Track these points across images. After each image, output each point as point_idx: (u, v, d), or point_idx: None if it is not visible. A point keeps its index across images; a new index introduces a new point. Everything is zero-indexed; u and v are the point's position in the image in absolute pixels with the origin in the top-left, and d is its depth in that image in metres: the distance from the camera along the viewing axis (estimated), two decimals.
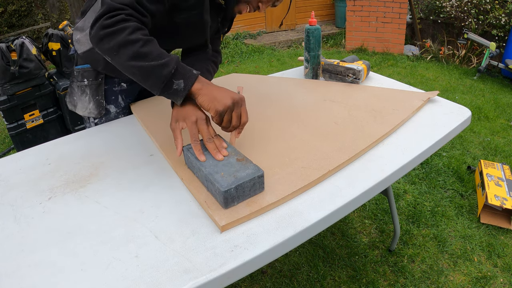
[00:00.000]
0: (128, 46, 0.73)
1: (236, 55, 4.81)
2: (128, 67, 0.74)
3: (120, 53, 0.73)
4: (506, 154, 2.34)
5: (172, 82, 0.74)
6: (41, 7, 5.33)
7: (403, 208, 1.89)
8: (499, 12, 3.95)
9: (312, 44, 1.30)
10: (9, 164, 0.92)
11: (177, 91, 0.75)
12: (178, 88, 0.75)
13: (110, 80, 1.10)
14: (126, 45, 0.73)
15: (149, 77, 0.74)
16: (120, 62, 0.74)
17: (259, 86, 1.31)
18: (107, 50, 0.74)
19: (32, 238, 0.67)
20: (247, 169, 0.72)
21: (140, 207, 0.73)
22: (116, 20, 0.74)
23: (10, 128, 2.33)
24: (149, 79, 0.74)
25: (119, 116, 1.15)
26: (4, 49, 2.16)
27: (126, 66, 0.74)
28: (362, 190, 0.77)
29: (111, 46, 0.73)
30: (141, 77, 0.75)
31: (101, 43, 0.75)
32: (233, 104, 0.77)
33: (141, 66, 0.73)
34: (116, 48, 0.73)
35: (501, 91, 3.48)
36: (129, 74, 0.76)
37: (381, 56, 4.49)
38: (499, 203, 1.72)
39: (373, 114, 1.05)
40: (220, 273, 0.58)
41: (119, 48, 0.73)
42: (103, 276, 0.58)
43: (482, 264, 1.55)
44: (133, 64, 0.73)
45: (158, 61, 0.73)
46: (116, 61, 0.75)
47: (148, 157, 0.91)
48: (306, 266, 1.56)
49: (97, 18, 0.75)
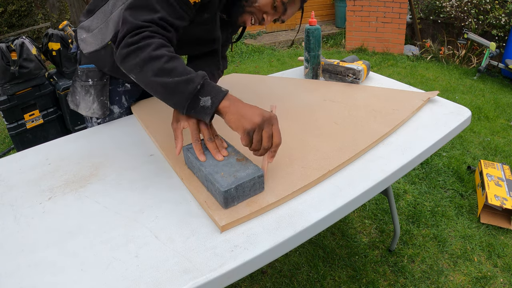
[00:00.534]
0: (152, 62, 0.71)
1: (236, 55, 4.81)
2: (153, 83, 0.72)
3: (144, 69, 0.71)
4: (506, 154, 2.34)
5: (198, 98, 0.71)
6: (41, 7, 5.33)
7: (403, 208, 1.89)
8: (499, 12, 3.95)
9: (312, 44, 1.30)
10: (9, 164, 0.92)
11: (204, 109, 0.71)
12: (205, 105, 0.71)
13: (114, 80, 1.10)
14: (151, 61, 0.71)
15: (174, 94, 0.71)
16: (145, 78, 0.72)
17: (259, 86, 1.31)
18: (131, 67, 0.73)
19: (32, 238, 0.67)
20: (247, 169, 0.72)
21: (140, 207, 0.73)
22: (141, 37, 0.73)
23: (10, 128, 2.33)
24: (174, 96, 0.71)
25: (122, 116, 1.15)
26: (4, 49, 2.16)
27: (151, 83, 0.72)
28: (362, 190, 0.77)
29: (135, 62, 0.72)
30: (166, 94, 0.72)
31: (125, 61, 0.73)
32: (263, 122, 0.71)
33: (165, 82, 0.70)
34: (141, 64, 0.71)
35: (501, 91, 3.48)
36: (153, 92, 0.74)
37: (381, 56, 4.49)
38: (499, 203, 1.72)
39: (373, 114, 1.05)
40: (220, 273, 0.58)
41: (144, 64, 0.71)
42: (103, 276, 0.58)
43: (482, 264, 1.55)
44: (157, 80, 0.71)
45: (182, 76, 0.70)
46: (141, 77, 0.73)
47: (148, 157, 0.91)
48: (306, 266, 1.56)
49: (122, 37, 0.74)
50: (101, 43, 0.99)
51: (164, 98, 0.74)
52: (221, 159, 0.76)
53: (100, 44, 0.99)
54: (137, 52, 0.72)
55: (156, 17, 0.76)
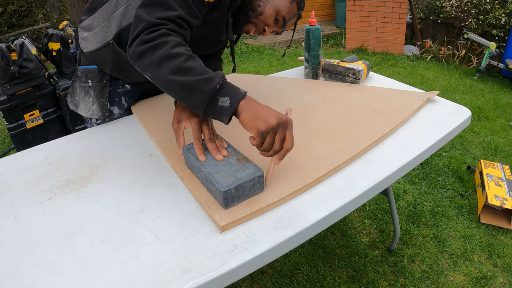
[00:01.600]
0: (171, 60, 0.69)
1: (236, 55, 4.81)
2: (170, 82, 0.70)
3: (162, 67, 0.69)
4: (506, 154, 2.34)
5: (217, 98, 0.69)
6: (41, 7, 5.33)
7: (403, 208, 1.89)
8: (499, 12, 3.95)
9: (312, 44, 1.30)
10: (9, 164, 0.92)
11: (222, 109, 0.69)
12: (223, 105, 0.69)
13: (114, 81, 1.09)
14: (169, 59, 0.69)
15: (192, 93, 0.69)
16: (162, 77, 0.70)
17: (259, 86, 1.31)
18: (147, 64, 0.71)
19: (32, 238, 0.67)
20: (247, 169, 0.72)
21: (140, 207, 0.73)
22: (158, 34, 0.71)
23: (10, 128, 2.33)
24: (192, 95, 0.69)
25: (121, 117, 1.15)
26: (4, 49, 2.16)
27: (168, 81, 0.70)
28: (362, 190, 0.77)
29: (152, 60, 0.70)
30: (183, 93, 0.70)
31: (142, 58, 0.71)
32: (278, 125, 0.69)
33: (184, 81, 0.68)
34: (158, 61, 0.70)
35: (501, 91, 3.48)
36: (169, 91, 0.72)
37: (381, 56, 4.48)
38: (499, 203, 1.72)
39: (373, 114, 1.05)
40: (220, 273, 0.58)
41: (161, 62, 0.69)
42: (103, 276, 0.58)
43: (482, 264, 1.54)
44: (175, 78, 0.69)
45: (201, 76, 0.69)
46: (157, 76, 0.71)
47: (148, 157, 0.91)
48: (306, 266, 1.56)
49: (137, 34, 0.72)
50: (102, 42, 0.99)
51: (181, 97, 0.72)
52: (221, 159, 0.76)
53: (101, 43, 0.99)
54: (154, 50, 0.70)
55: (173, 15, 0.74)
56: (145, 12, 0.74)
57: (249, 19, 0.96)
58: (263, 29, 0.98)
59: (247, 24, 0.98)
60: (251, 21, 0.96)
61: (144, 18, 0.73)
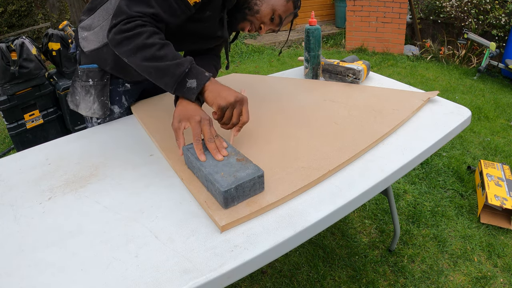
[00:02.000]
0: (146, 49, 0.78)
1: (236, 55, 4.81)
2: (144, 67, 0.80)
3: (137, 55, 0.79)
4: (506, 154, 2.34)
5: (185, 81, 0.79)
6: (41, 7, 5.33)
7: (403, 208, 1.89)
8: (499, 12, 3.95)
9: (312, 44, 1.30)
10: (9, 164, 0.92)
11: (190, 89, 0.80)
12: (191, 86, 0.80)
13: (114, 80, 1.10)
14: (144, 48, 0.78)
15: (164, 76, 0.79)
16: (137, 62, 0.80)
17: (259, 86, 1.31)
18: (125, 52, 0.80)
19: (32, 238, 0.67)
20: (247, 169, 0.72)
21: (140, 207, 0.73)
22: (134, 25, 0.79)
23: (10, 128, 2.33)
24: (164, 77, 0.80)
25: (122, 116, 1.15)
26: (4, 49, 2.16)
27: (142, 66, 0.80)
28: (362, 190, 0.77)
29: (129, 48, 0.79)
30: (156, 76, 0.80)
31: (119, 46, 0.81)
32: (235, 101, 0.80)
33: (157, 66, 0.79)
34: (134, 50, 0.79)
35: (501, 91, 3.48)
36: (144, 73, 0.82)
37: (381, 56, 4.48)
38: (499, 203, 1.72)
39: (373, 114, 1.05)
40: (220, 273, 0.58)
41: (137, 51, 0.79)
42: (103, 276, 0.58)
43: (482, 264, 1.54)
44: (149, 64, 0.79)
45: (173, 61, 0.79)
46: (133, 61, 0.81)
47: (148, 157, 0.91)
48: (306, 266, 1.56)
49: (116, 23, 0.80)
50: (102, 41, 0.99)
51: (155, 79, 0.81)
52: (221, 159, 0.76)
53: (101, 42, 1.00)
54: (130, 39, 0.79)
55: (149, 12, 0.81)
56: (126, 5, 0.81)
57: (245, 17, 0.97)
58: (259, 27, 0.99)
59: (243, 21, 0.99)
60: (247, 18, 0.98)
61: (124, 10, 0.81)
